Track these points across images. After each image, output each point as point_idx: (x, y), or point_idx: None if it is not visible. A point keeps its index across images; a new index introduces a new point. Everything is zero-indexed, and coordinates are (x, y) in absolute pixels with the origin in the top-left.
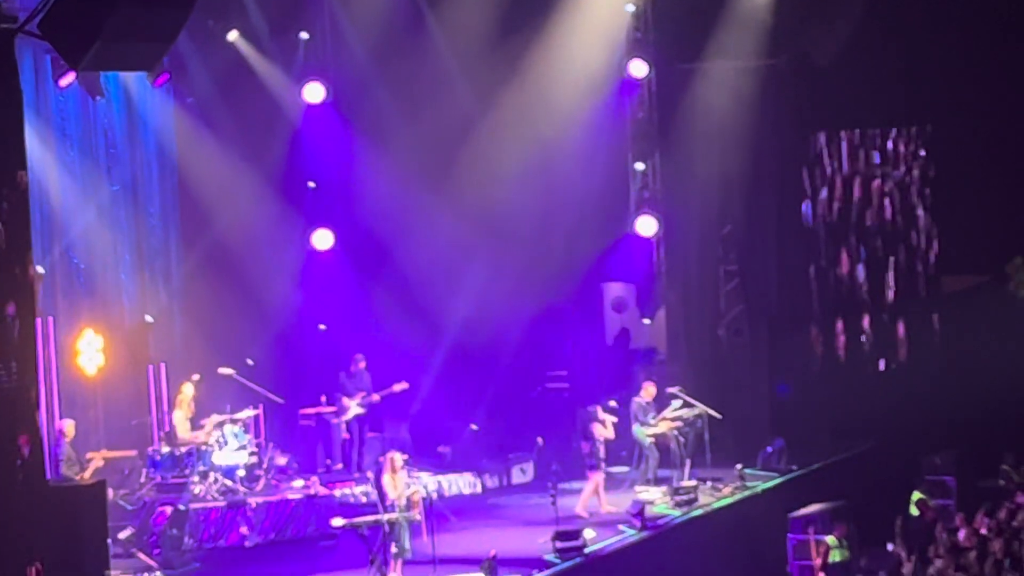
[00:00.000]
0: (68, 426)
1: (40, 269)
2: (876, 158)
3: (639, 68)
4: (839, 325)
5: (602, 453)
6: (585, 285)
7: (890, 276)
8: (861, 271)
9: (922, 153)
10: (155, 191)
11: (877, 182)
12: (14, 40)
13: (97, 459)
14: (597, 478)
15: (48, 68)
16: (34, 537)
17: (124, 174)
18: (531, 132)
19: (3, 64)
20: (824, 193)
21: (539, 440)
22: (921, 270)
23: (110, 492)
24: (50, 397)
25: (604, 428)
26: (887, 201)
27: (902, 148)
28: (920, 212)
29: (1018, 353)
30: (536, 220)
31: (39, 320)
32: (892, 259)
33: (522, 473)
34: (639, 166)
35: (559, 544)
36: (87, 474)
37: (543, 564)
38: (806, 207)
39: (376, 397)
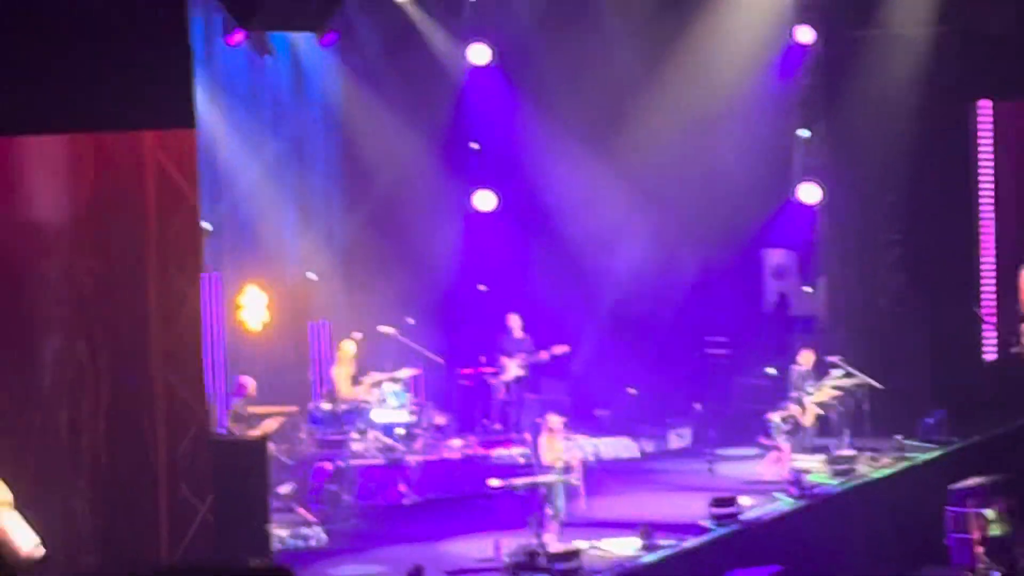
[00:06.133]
0: (249, 384)
1: (207, 225)
2: None
3: (806, 34)
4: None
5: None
6: (746, 251)
7: None
8: None
9: None
10: (320, 150)
11: None
12: None
13: (273, 421)
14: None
15: (218, 26)
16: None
17: (290, 132)
18: (695, 97)
19: (175, 22)
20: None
21: (697, 406)
22: None
23: (271, 447)
24: (215, 352)
25: (801, 411)
26: None
27: None
28: None
29: None
30: (698, 185)
31: (205, 276)
32: None
33: (679, 438)
34: (803, 133)
35: (715, 511)
36: (259, 432)
37: (699, 530)
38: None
39: (543, 355)
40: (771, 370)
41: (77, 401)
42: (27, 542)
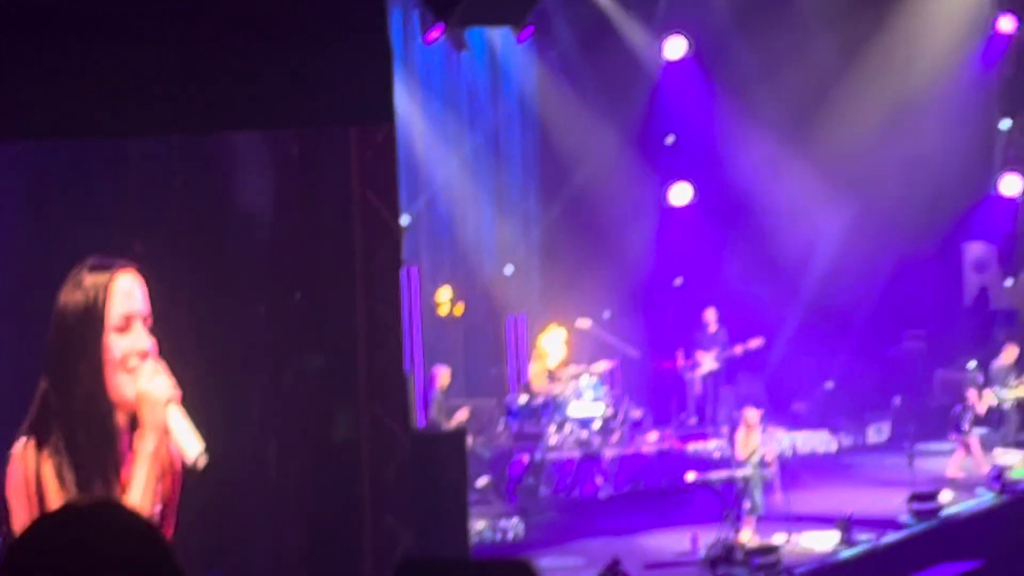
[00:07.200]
0: (443, 374)
1: (405, 219)
2: None
3: (1007, 23)
4: None
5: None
6: (945, 243)
7: None
8: None
9: None
10: (516, 144)
11: None
12: None
13: (463, 412)
14: (968, 440)
15: (415, 23)
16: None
17: (486, 127)
18: (894, 88)
19: (375, 20)
20: None
21: (896, 400)
22: None
23: (468, 440)
24: (413, 345)
25: (978, 398)
26: None
27: None
28: None
29: None
30: (897, 177)
31: (404, 270)
32: None
33: (878, 433)
34: (1005, 124)
35: (915, 506)
36: (451, 424)
37: (898, 525)
38: None
39: (739, 349)
40: (972, 364)
41: (285, 433)
42: (193, 448)
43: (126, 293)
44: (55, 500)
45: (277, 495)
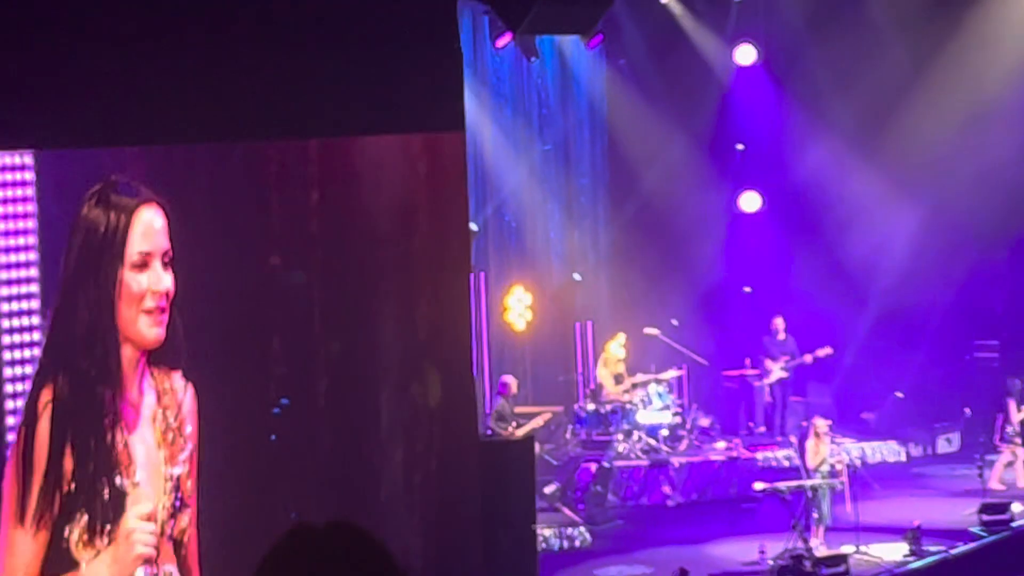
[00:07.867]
0: (512, 383)
1: (473, 226)
2: None
3: None
4: None
5: (1015, 427)
6: (1018, 250)
7: None
8: None
9: None
10: (586, 151)
11: None
12: (456, 3)
13: (539, 419)
14: (1013, 449)
15: (485, 29)
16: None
17: (556, 134)
18: (967, 93)
19: (445, 26)
20: None
21: (966, 410)
22: None
23: (536, 447)
24: (480, 351)
25: (1016, 410)
26: None
27: None
28: None
29: None
30: (969, 184)
31: (472, 276)
32: None
33: (948, 443)
34: None
35: (985, 517)
36: (521, 431)
37: (968, 536)
38: None
39: (808, 358)
40: None
41: (411, 441)
42: None
43: (148, 226)
44: (43, 450)
45: (405, 500)
